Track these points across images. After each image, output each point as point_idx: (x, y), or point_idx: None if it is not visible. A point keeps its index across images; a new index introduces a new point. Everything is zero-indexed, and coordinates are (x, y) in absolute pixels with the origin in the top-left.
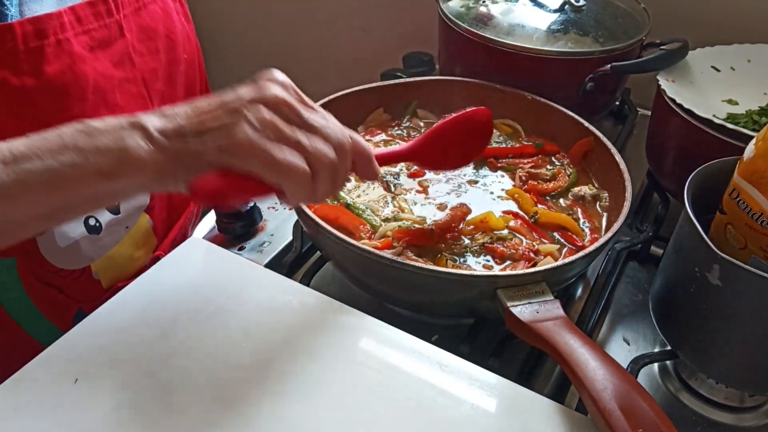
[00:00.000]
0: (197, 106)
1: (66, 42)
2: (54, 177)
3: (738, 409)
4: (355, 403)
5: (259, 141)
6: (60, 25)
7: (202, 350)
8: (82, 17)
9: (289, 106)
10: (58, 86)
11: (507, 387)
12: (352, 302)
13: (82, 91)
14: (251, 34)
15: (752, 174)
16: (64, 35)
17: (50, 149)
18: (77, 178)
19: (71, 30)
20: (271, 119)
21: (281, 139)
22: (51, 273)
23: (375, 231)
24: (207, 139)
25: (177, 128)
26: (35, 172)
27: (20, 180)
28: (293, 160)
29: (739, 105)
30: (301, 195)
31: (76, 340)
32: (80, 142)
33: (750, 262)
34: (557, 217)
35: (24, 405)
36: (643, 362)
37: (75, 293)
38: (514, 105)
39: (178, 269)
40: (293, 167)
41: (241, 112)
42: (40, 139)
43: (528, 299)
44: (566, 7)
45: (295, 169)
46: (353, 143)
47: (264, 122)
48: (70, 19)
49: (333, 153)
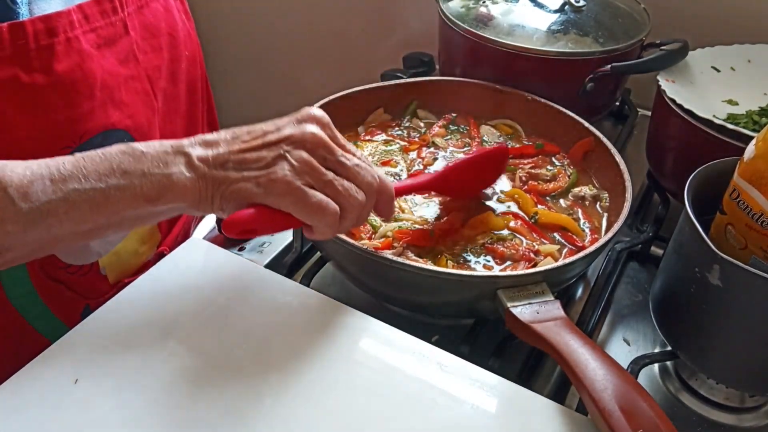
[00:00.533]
0: (237, 135)
1: (75, 40)
2: (100, 198)
3: (738, 410)
4: (356, 403)
5: (295, 181)
6: (69, 23)
7: (202, 351)
8: (89, 15)
9: (326, 147)
10: (68, 83)
11: (507, 387)
12: (352, 303)
13: (90, 89)
14: (251, 34)
15: (752, 174)
16: (74, 33)
17: (97, 170)
18: (122, 200)
19: (80, 28)
20: (309, 160)
21: (317, 180)
22: (59, 269)
23: (375, 231)
24: (246, 174)
25: (218, 156)
26: (82, 192)
27: (67, 199)
28: (325, 201)
29: (739, 105)
30: (328, 232)
31: (76, 341)
32: (126, 165)
33: (750, 263)
34: (557, 217)
35: (24, 405)
36: (643, 363)
37: (82, 289)
38: (514, 105)
39: (179, 270)
40: (324, 208)
41: (280, 149)
42: (87, 158)
43: (528, 300)
44: (566, 8)
45: (326, 210)
46: (380, 184)
47: (302, 162)
48: (78, 17)
49: (362, 194)
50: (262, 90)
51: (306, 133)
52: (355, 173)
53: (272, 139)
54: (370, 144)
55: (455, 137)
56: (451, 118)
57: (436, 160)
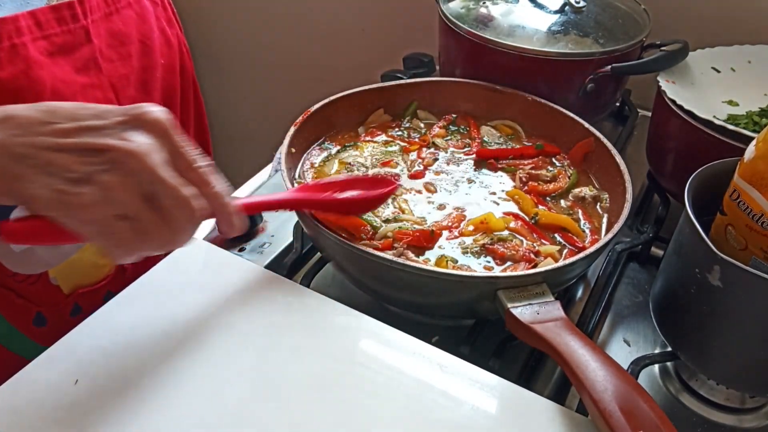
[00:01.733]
0: (54, 113)
1: (22, 46)
2: None
3: (739, 411)
4: (356, 404)
5: (103, 211)
6: (16, 30)
7: (202, 351)
8: (43, 22)
9: (147, 172)
10: (11, 91)
11: (507, 388)
12: (352, 303)
13: (37, 97)
14: (251, 35)
15: (753, 175)
16: (20, 40)
17: None
18: None
19: (29, 35)
20: (121, 191)
21: (126, 210)
22: (8, 277)
23: (375, 232)
24: (48, 181)
25: (15, 143)
26: None
27: None
28: (126, 236)
29: (739, 106)
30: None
31: (77, 341)
32: None
33: (750, 264)
34: (558, 218)
35: (24, 405)
36: (643, 363)
37: (33, 297)
38: (514, 106)
39: (179, 270)
40: (124, 244)
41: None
42: None
43: (528, 300)
44: (566, 8)
45: (126, 245)
46: (206, 212)
47: (115, 191)
48: (28, 23)
49: (171, 230)
50: (262, 91)
51: (130, 149)
52: (170, 207)
53: (90, 142)
54: (370, 144)
55: (455, 138)
56: (452, 118)
57: (437, 160)
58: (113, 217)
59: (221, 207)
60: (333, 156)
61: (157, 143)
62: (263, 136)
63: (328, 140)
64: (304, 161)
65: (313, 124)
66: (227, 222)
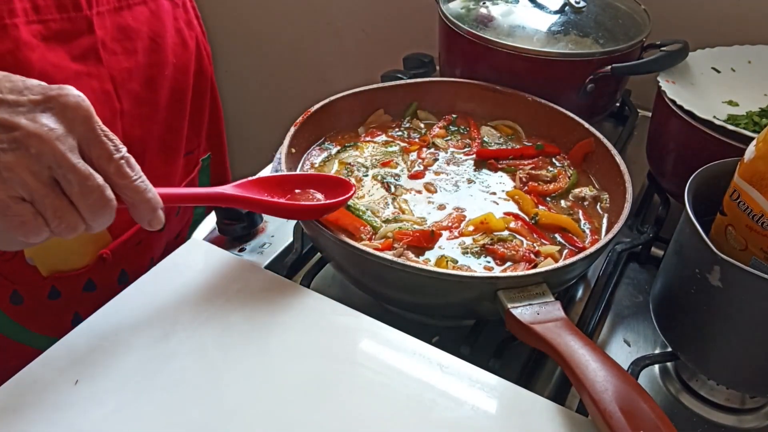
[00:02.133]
0: None
1: (12, 27)
2: None
3: (739, 411)
4: (356, 404)
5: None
6: (9, 11)
7: (202, 351)
8: (42, 7)
9: (54, 154)
10: None
11: (507, 388)
12: (352, 304)
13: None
14: (250, 35)
15: (753, 175)
16: (12, 21)
17: None
18: None
19: (23, 17)
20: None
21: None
22: None
23: (375, 232)
24: None
25: None
26: None
27: None
28: (26, 220)
29: (739, 106)
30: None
31: (77, 342)
32: None
33: (750, 264)
34: (558, 218)
35: (24, 406)
36: (643, 364)
37: (8, 274)
38: (514, 106)
39: (179, 270)
40: (22, 228)
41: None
42: None
43: (528, 301)
44: (566, 9)
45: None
46: (129, 196)
47: (12, 171)
48: (24, 6)
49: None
50: (262, 91)
51: (36, 132)
52: (79, 194)
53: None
54: (370, 145)
55: (455, 138)
56: (452, 119)
57: (437, 160)
58: (11, 198)
59: (137, 199)
60: (333, 156)
61: (67, 129)
62: (263, 136)
63: (328, 140)
64: (304, 161)
65: (313, 124)
66: (140, 215)
